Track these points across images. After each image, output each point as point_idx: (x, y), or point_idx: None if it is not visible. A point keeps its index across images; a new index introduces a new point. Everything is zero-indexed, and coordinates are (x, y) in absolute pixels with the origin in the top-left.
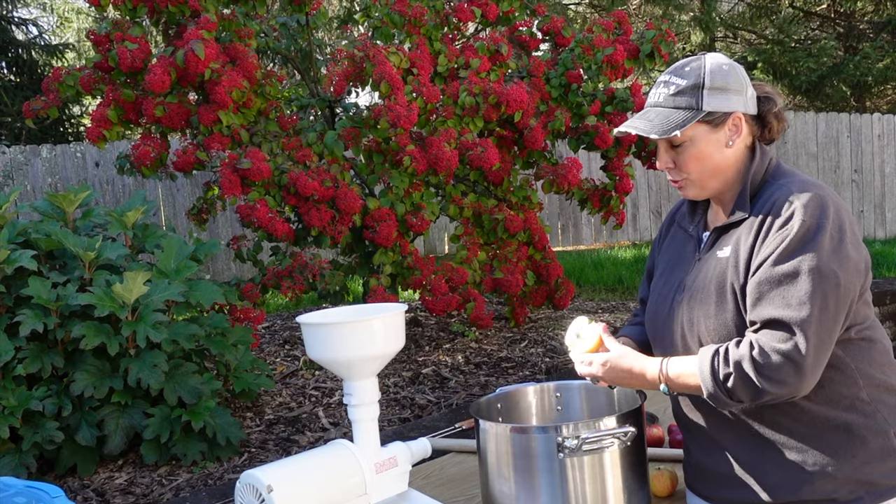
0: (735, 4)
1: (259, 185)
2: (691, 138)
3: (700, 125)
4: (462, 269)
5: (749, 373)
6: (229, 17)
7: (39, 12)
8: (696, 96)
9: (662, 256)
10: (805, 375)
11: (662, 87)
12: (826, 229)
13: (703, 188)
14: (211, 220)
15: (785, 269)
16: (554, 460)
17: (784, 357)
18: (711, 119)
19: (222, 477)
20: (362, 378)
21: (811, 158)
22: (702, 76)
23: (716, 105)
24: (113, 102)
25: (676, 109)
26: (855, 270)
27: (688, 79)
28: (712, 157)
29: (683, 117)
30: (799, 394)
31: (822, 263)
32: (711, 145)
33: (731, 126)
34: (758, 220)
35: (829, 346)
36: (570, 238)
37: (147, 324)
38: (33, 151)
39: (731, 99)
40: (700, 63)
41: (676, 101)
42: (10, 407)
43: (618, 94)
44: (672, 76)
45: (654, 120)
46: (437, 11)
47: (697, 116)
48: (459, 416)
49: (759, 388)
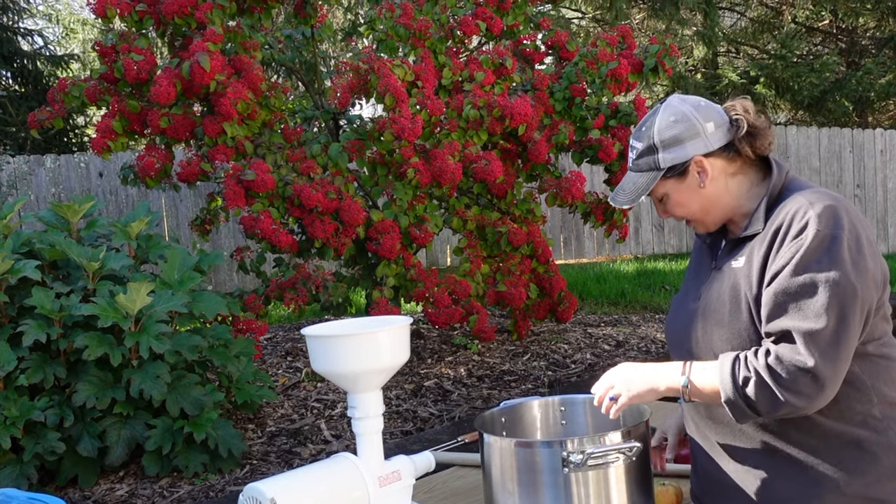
0: (738, 19)
1: (263, 197)
2: (666, 192)
3: (666, 181)
4: (465, 282)
5: (770, 383)
6: (235, 30)
7: (45, 23)
8: (653, 157)
9: (688, 268)
10: (824, 388)
11: (631, 152)
12: (842, 239)
13: (707, 223)
14: (214, 231)
15: (801, 280)
16: (559, 475)
17: (803, 369)
18: (673, 173)
19: (224, 489)
20: (367, 391)
21: (814, 173)
22: (652, 138)
23: (672, 159)
24: (118, 113)
25: (640, 172)
26: (872, 281)
27: (643, 141)
28: (692, 200)
29: (647, 180)
30: (816, 406)
31: (839, 274)
32: (685, 192)
33: (695, 171)
34: (771, 230)
35: (848, 358)
36: (573, 251)
37: (150, 335)
38: (37, 161)
39: (686, 148)
40: (652, 122)
41: (639, 165)
42: (11, 417)
43: (621, 108)
44: (634, 140)
45: (627, 188)
46: (441, 25)
47: (658, 175)
48: (462, 429)
49: (777, 399)
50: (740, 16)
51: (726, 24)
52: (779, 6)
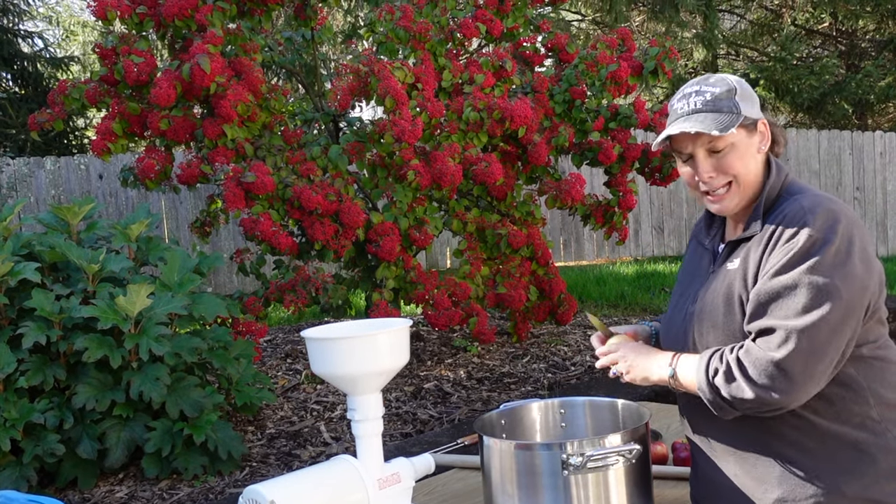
0: (737, 22)
1: (263, 199)
2: (733, 143)
3: (741, 129)
4: (465, 284)
5: (737, 375)
6: (235, 32)
7: (45, 25)
8: (732, 102)
9: (682, 270)
10: (794, 383)
11: (695, 97)
12: (833, 243)
13: (745, 195)
14: (214, 233)
15: (784, 280)
16: (558, 478)
17: (771, 363)
18: (748, 123)
19: (223, 491)
20: (366, 393)
21: (813, 176)
22: (732, 84)
23: (748, 111)
24: (118, 115)
25: (720, 112)
26: (860, 286)
27: (720, 87)
28: (750, 161)
29: (730, 119)
30: (791, 402)
31: (822, 277)
32: (750, 149)
33: (762, 130)
34: (768, 232)
35: (823, 358)
36: (573, 253)
37: (150, 337)
38: (37, 163)
39: (756, 107)
40: (722, 76)
41: (718, 105)
42: (11, 419)
43: (621, 111)
44: (702, 86)
45: (705, 121)
46: (441, 27)
47: (740, 120)
48: (461, 431)
49: (743, 390)
50: (740, 18)
51: (726, 27)
52: (778, 9)
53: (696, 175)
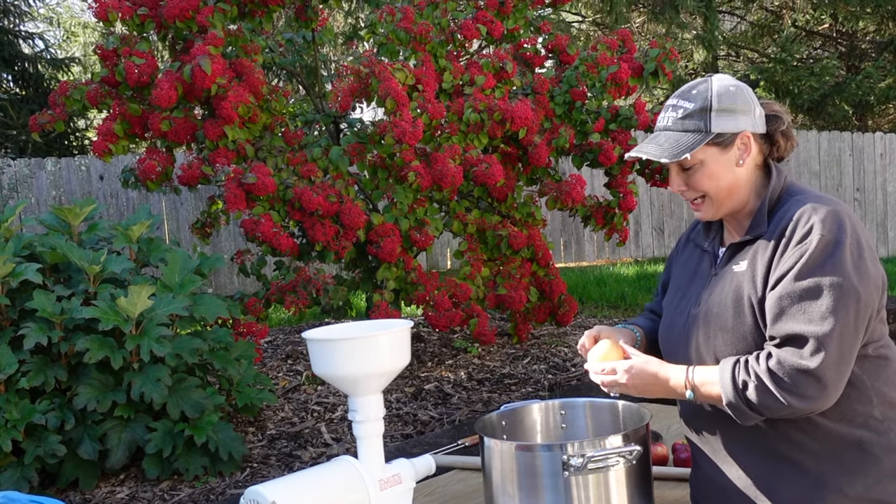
0: (738, 23)
1: (264, 200)
2: (702, 160)
3: (709, 147)
4: (465, 285)
5: (771, 387)
6: (236, 33)
7: (46, 26)
8: (705, 119)
9: (677, 272)
10: (827, 390)
11: (671, 111)
12: (845, 244)
13: (720, 208)
14: (214, 235)
15: (806, 284)
16: (559, 479)
17: (806, 372)
18: (720, 140)
19: (224, 492)
20: (367, 394)
21: (814, 177)
22: (709, 99)
23: (724, 126)
24: (119, 116)
25: (685, 132)
26: (874, 286)
27: (695, 102)
28: (724, 176)
29: (692, 140)
30: (821, 408)
31: (843, 279)
32: (722, 166)
33: (740, 145)
34: (775, 234)
35: (850, 360)
36: (573, 254)
37: (151, 338)
38: (38, 164)
39: (738, 119)
40: (707, 86)
41: (685, 125)
42: (12, 420)
43: (622, 112)
44: (679, 100)
45: (664, 144)
46: (442, 28)
47: (706, 139)
48: (462, 432)
49: (780, 402)
50: (740, 19)
51: (726, 28)
52: (779, 10)
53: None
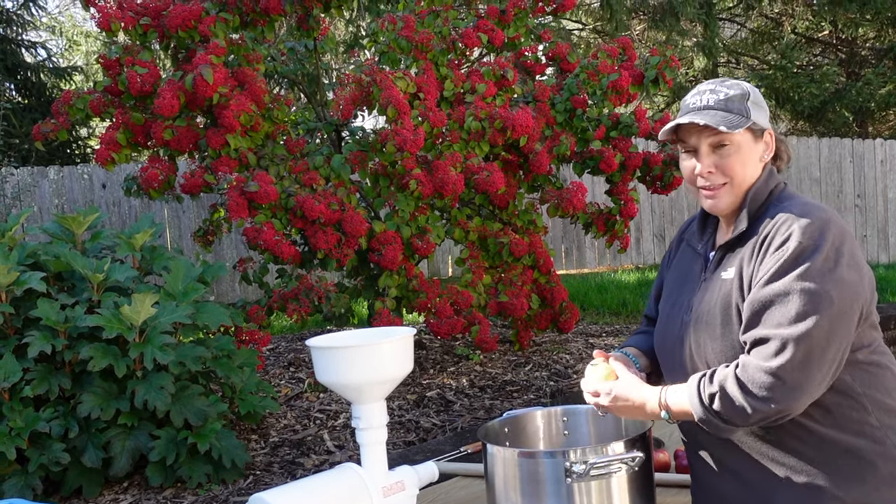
0: (738, 30)
1: (266, 208)
2: (738, 144)
3: (747, 132)
4: (467, 293)
5: (734, 391)
6: (238, 42)
7: (48, 35)
8: (744, 105)
9: (670, 274)
10: (792, 391)
11: (709, 94)
12: (822, 250)
13: (737, 197)
14: (217, 243)
15: (775, 288)
16: (562, 485)
17: (767, 373)
18: (756, 129)
19: (227, 500)
20: (371, 401)
21: (814, 183)
22: (747, 89)
23: (758, 118)
24: (122, 125)
25: (730, 113)
26: (851, 292)
27: (734, 90)
28: (751, 166)
29: (739, 120)
30: (790, 411)
31: (815, 285)
32: (753, 155)
33: (767, 140)
34: (759, 241)
35: (822, 365)
36: (574, 261)
37: (154, 346)
38: (41, 173)
39: (765, 117)
40: (738, 81)
41: (728, 106)
42: (17, 428)
43: (622, 120)
44: (717, 85)
45: (716, 116)
46: (443, 37)
47: (748, 123)
48: (464, 439)
49: (743, 407)
50: (740, 27)
51: (726, 35)
52: (779, 17)
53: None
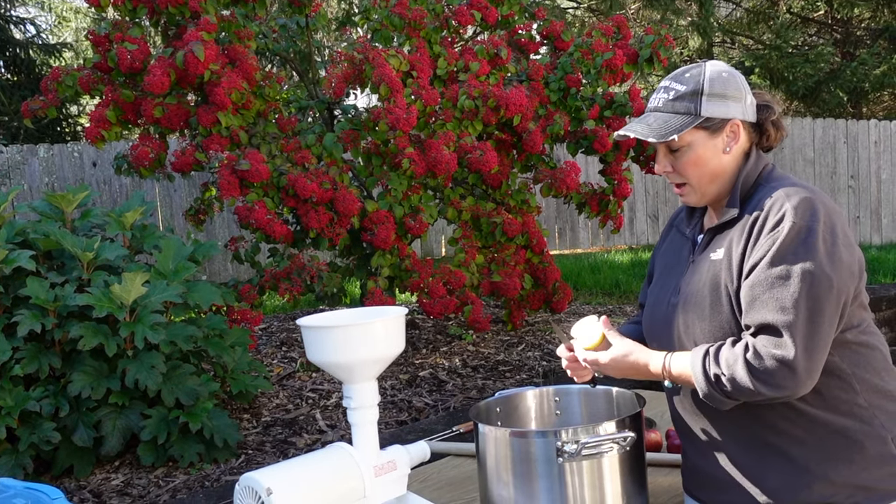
0: (733, 10)
1: (257, 187)
2: (689, 143)
3: (698, 131)
4: (460, 272)
5: (745, 375)
6: (229, 19)
7: (37, 11)
8: (695, 102)
9: (660, 260)
10: (800, 378)
11: (662, 93)
12: (817, 231)
13: (704, 194)
14: (208, 221)
15: (777, 271)
16: (553, 465)
17: (778, 361)
18: (709, 125)
19: (219, 479)
20: (362, 381)
21: (808, 164)
22: (701, 83)
23: (714, 111)
24: (112, 103)
25: (675, 114)
26: (848, 272)
27: (687, 85)
28: (710, 162)
29: (681, 122)
30: (796, 395)
31: (814, 266)
32: (709, 151)
33: (729, 133)
34: (749, 221)
35: (823, 347)
36: (568, 241)
37: (145, 325)
38: (31, 151)
39: (729, 106)
40: (700, 70)
41: (675, 107)
42: (7, 407)
43: (616, 99)
44: (672, 82)
45: (653, 124)
46: (436, 14)
47: (695, 122)
48: (457, 419)
49: (754, 391)
50: (735, 6)
51: (721, 15)
52: None
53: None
